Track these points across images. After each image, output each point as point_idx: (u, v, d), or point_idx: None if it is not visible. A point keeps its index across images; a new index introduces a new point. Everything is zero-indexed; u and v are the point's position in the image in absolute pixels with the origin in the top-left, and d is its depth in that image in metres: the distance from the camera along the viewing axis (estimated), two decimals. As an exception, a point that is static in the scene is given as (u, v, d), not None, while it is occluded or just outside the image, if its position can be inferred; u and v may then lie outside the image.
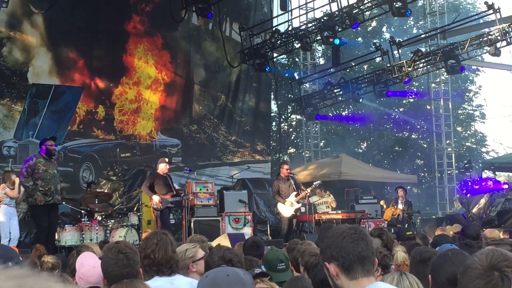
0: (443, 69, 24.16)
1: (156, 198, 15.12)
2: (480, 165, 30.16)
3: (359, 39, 36.77)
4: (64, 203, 15.72)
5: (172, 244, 5.36)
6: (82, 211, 15.24)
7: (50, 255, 7.13)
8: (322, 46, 33.33)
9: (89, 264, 4.78)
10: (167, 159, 16.20)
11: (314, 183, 17.91)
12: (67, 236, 14.43)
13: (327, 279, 3.12)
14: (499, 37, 20.40)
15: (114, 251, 4.11)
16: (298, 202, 16.78)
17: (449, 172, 29.58)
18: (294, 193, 16.66)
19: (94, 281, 4.70)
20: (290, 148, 38.11)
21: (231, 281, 2.72)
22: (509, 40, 20.36)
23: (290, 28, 21.92)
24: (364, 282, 3.01)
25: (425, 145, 35.92)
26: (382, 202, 20.96)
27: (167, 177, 15.65)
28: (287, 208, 16.59)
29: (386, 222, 19.54)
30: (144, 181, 16.56)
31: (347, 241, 3.05)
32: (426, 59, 22.78)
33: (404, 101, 37.02)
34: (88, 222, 14.69)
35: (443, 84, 29.91)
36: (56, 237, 14.57)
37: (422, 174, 35.08)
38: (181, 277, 5.40)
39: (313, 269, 5.52)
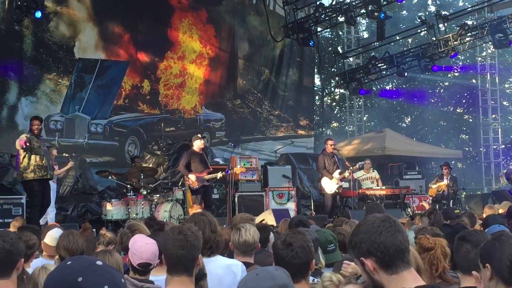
0: (489, 43, 23.80)
1: (192, 177, 14.88)
2: (527, 140, 29.72)
3: (404, 12, 36.35)
4: (110, 177, 15.94)
5: (211, 225, 5.39)
6: (128, 186, 15.38)
7: (108, 231, 7.21)
8: (366, 19, 33.03)
9: (142, 241, 4.88)
10: (199, 135, 15.91)
11: (359, 163, 17.95)
12: (114, 210, 14.62)
13: None
14: (549, 10, 20.03)
15: (175, 231, 4.16)
16: (341, 180, 16.79)
17: (494, 147, 29.26)
18: (338, 170, 16.65)
19: (147, 257, 4.80)
20: (333, 122, 37.96)
21: (260, 279, 2.77)
22: (559, 13, 19.97)
23: (334, 2, 21.67)
24: (406, 275, 2.92)
25: (470, 120, 35.51)
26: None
27: (203, 154, 15.47)
28: (331, 184, 16.58)
29: (430, 198, 19.41)
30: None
31: (385, 235, 2.92)
32: (473, 33, 22.43)
33: (449, 75, 36.56)
34: (134, 196, 14.85)
35: (489, 58, 29.49)
36: (103, 211, 14.82)
37: (467, 149, 34.69)
38: (219, 258, 5.44)
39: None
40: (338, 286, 3.85)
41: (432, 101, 36.16)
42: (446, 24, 23.02)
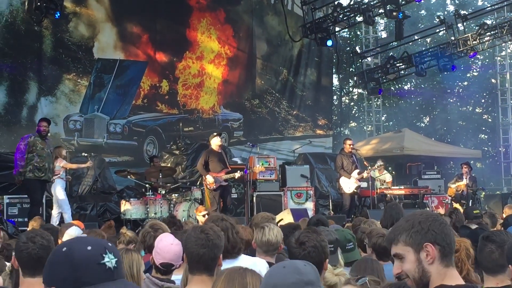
0: (509, 42, 23.67)
1: (210, 179, 14.48)
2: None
3: (423, 12, 36.21)
4: (129, 177, 16.01)
5: (234, 227, 5.28)
6: (147, 185, 15.42)
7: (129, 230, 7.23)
8: (385, 19, 32.92)
9: (167, 241, 4.89)
10: (215, 133, 15.65)
11: (376, 164, 17.91)
12: (132, 209, 14.66)
13: None
14: None
15: (197, 230, 4.15)
16: (359, 180, 16.76)
17: (514, 147, 29.08)
18: (357, 170, 16.61)
19: (169, 258, 4.81)
20: (351, 122, 37.89)
21: (286, 272, 2.70)
22: None
23: (352, 2, 21.60)
24: (452, 271, 2.98)
25: (489, 120, 35.32)
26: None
27: (221, 153, 15.12)
28: (350, 183, 16.55)
29: (450, 198, 19.31)
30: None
31: (448, 228, 3.01)
32: (492, 32, 22.33)
33: (468, 75, 36.39)
34: (152, 196, 14.88)
35: (509, 58, 29.32)
36: (121, 210, 14.87)
37: (486, 149, 34.50)
38: (245, 258, 5.37)
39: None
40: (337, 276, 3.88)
41: (451, 100, 36.02)
42: (465, 24, 22.93)
